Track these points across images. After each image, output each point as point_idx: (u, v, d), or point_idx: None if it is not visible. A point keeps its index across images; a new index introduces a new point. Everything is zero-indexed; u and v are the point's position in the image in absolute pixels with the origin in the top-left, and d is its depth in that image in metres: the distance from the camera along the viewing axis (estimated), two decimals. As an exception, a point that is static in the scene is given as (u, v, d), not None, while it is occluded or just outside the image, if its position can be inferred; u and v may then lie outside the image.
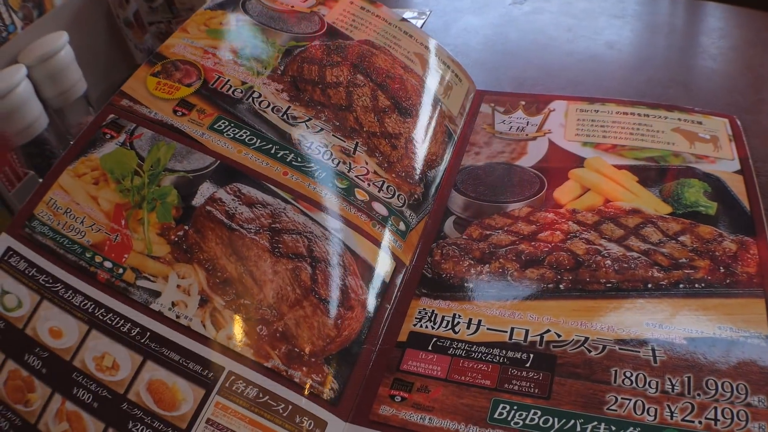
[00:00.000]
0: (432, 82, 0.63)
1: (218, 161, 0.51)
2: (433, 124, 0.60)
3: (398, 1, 0.95)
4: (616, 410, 0.40)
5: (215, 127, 0.53)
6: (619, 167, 0.57)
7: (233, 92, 0.55)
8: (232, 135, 0.52)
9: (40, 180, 0.61)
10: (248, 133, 0.53)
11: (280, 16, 0.63)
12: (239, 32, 0.60)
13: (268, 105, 0.55)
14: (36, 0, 0.68)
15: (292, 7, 0.64)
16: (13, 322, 0.44)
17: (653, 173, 0.56)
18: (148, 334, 0.43)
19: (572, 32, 0.82)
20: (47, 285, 0.45)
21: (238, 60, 0.58)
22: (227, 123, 0.53)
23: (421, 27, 0.86)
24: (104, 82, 0.77)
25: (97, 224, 0.47)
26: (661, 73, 0.74)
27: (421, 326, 0.47)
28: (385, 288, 0.49)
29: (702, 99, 0.69)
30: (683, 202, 0.53)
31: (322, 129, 0.55)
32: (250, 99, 0.55)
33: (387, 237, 0.51)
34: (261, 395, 0.42)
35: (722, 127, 0.60)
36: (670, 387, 0.41)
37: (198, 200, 0.49)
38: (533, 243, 0.51)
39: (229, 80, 0.56)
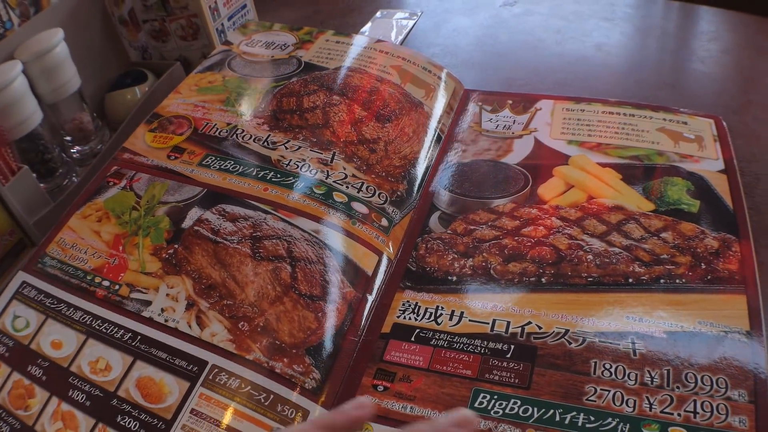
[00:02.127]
0: (411, 88, 0.66)
1: (206, 189, 0.55)
2: (414, 124, 0.62)
3: (390, 3, 0.95)
4: (595, 401, 0.41)
5: (203, 163, 0.58)
6: (604, 165, 0.57)
7: (219, 133, 0.61)
8: (218, 167, 0.57)
9: (34, 175, 0.62)
10: (232, 162, 0.58)
11: (262, 66, 0.70)
12: (225, 86, 0.67)
13: (250, 137, 0.60)
14: (31, -3, 0.69)
15: (272, 56, 0.71)
16: (20, 340, 0.48)
17: (637, 171, 0.57)
18: (139, 337, 0.46)
19: (561, 34, 0.83)
20: (52, 306, 0.49)
21: (224, 107, 0.64)
22: (214, 158, 0.58)
23: (412, 28, 0.87)
24: (98, 78, 0.77)
25: (98, 252, 0.52)
26: (650, 75, 0.75)
27: (404, 318, 0.48)
28: (368, 281, 0.50)
29: (690, 101, 0.70)
30: (666, 199, 0.54)
31: (299, 147, 0.59)
32: (234, 135, 0.60)
33: (368, 233, 0.53)
34: (243, 386, 0.43)
35: (707, 128, 0.61)
36: (650, 379, 0.41)
37: (187, 223, 0.53)
38: (517, 238, 0.52)
39: (216, 124, 0.62)
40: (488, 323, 0.46)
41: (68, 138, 0.71)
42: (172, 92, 0.67)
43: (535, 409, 0.41)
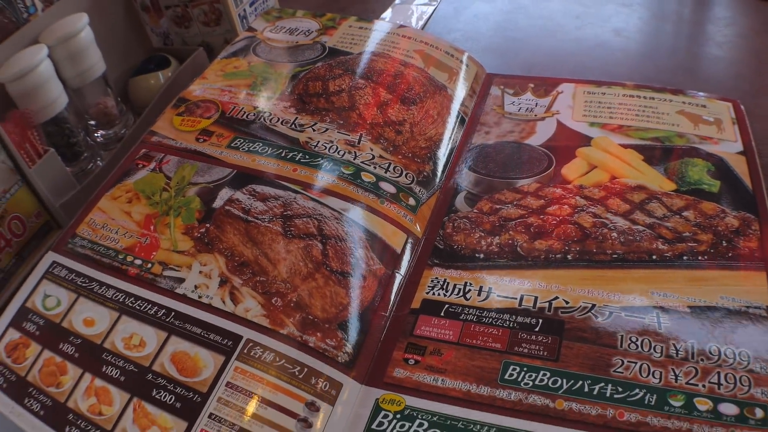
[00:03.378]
0: (434, 71, 0.67)
1: (235, 171, 0.56)
2: (438, 107, 0.63)
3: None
4: (622, 372, 0.42)
5: (232, 145, 0.59)
6: (625, 146, 0.58)
7: (246, 116, 0.61)
8: (247, 149, 0.58)
9: (59, 158, 0.62)
10: (261, 144, 0.58)
11: (286, 51, 0.70)
12: (251, 71, 0.67)
13: (278, 120, 0.61)
14: (56, -18, 0.70)
15: (297, 42, 0.72)
16: (51, 319, 0.49)
17: (658, 152, 0.57)
18: (173, 313, 0.47)
19: (580, 19, 0.83)
20: (83, 285, 0.50)
21: (251, 92, 0.64)
22: (242, 140, 0.59)
23: (432, 14, 0.87)
24: (122, 63, 0.78)
25: (129, 232, 0.53)
26: (668, 60, 0.75)
27: (433, 294, 0.49)
28: (396, 258, 0.51)
29: (708, 85, 0.70)
30: (687, 179, 0.54)
31: (327, 129, 0.60)
32: (262, 118, 0.61)
33: (396, 212, 0.53)
34: (277, 359, 0.44)
35: (726, 111, 0.61)
36: (675, 352, 0.42)
37: (218, 203, 0.54)
38: (542, 216, 0.52)
39: (243, 108, 0.62)
40: (516, 299, 0.47)
41: (92, 122, 0.72)
42: (198, 78, 0.67)
43: (564, 380, 0.42)
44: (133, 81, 0.77)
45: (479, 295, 0.48)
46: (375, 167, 0.56)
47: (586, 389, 0.41)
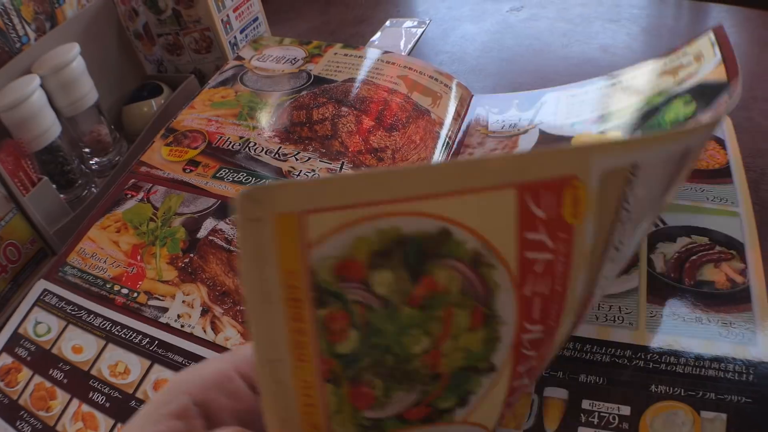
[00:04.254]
0: (417, 96, 0.67)
1: (220, 201, 0.57)
2: (421, 132, 0.64)
3: (399, 12, 0.97)
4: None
5: (217, 175, 0.60)
6: (605, 132, 0.56)
7: (232, 146, 0.63)
8: (231, 179, 0.59)
9: (54, 186, 0.63)
10: (245, 174, 0.59)
11: (273, 80, 0.72)
12: (238, 100, 0.69)
13: (262, 150, 0.62)
14: (48, 12, 0.71)
15: (283, 71, 0.73)
16: (42, 345, 0.50)
17: (637, 123, 0.54)
18: (156, 342, 0.48)
19: (567, 37, 0.84)
20: (73, 313, 0.51)
21: (237, 121, 0.66)
22: (227, 171, 0.60)
23: (421, 36, 0.88)
24: (116, 91, 0.79)
25: (117, 261, 0.54)
26: (656, 75, 0.75)
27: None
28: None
29: (695, 99, 0.70)
30: (663, 126, 0.50)
31: (309, 158, 0.61)
32: (247, 148, 0.62)
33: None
34: (253, 386, 0.44)
35: (706, 41, 0.54)
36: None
37: (202, 233, 0.55)
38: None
39: (229, 138, 0.64)
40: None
41: (87, 150, 0.73)
42: (186, 107, 0.69)
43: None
44: (127, 109, 0.78)
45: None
46: (354, 195, 0.57)
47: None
